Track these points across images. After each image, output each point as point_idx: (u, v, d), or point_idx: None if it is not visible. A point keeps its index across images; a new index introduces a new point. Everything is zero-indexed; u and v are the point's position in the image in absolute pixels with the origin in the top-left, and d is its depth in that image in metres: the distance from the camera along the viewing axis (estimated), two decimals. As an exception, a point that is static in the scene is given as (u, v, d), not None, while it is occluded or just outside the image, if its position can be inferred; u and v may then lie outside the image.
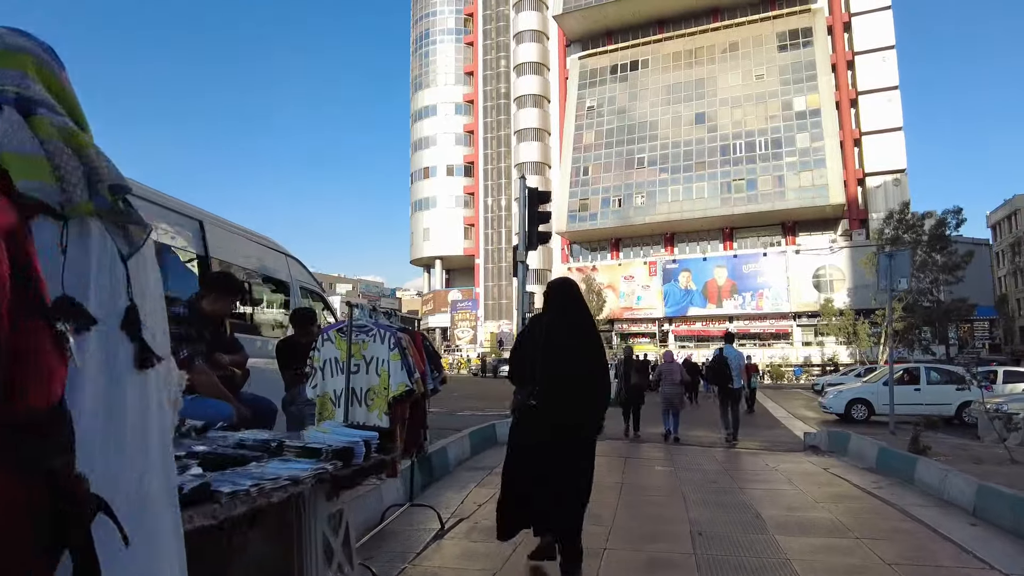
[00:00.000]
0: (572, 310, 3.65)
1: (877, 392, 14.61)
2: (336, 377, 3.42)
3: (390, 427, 3.25)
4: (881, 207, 44.78)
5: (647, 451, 8.76)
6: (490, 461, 6.91)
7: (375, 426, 3.20)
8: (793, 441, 10.53)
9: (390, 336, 3.42)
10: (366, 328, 3.44)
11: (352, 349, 3.35)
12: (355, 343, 3.38)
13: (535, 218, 10.27)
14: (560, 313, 3.61)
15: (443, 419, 9.14)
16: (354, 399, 3.36)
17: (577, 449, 3.49)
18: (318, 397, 3.46)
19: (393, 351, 3.37)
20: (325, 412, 3.39)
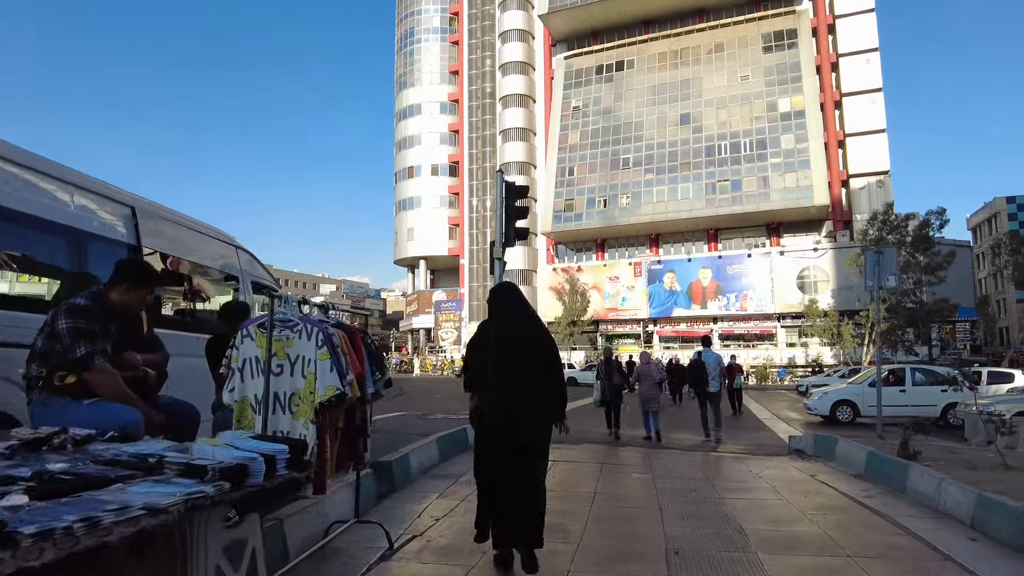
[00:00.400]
0: (515, 311, 3.64)
1: (862, 393, 14.37)
2: (256, 379, 2.95)
3: (318, 437, 2.80)
4: (865, 209, 44.90)
5: (625, 456, 8.36)
6: (459, 468, 6.47)
7: (300, 436, 2.74)
8: (777, 445, 10.19)
9: (318, 332, 2.95)
10: (290, 323, 2.97)
11: (274, 347, 2.89)
12: (277, 340, 2.92)
13: (512, 213, 9.84)
14: (504, 316, 3.62)
15: (413, 423, 8.67)
16: (277, 405, 2.90)
17: (531, 453, 3.47)
18: (236, 403, 2.98)
19: (321, 349, 2.91)
20: (244, 420, 2.93)
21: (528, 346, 3.50)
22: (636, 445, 9.60)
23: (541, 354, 3.54)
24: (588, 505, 5.15)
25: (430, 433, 7.36)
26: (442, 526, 4.45)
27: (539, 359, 3.52)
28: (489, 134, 60.57)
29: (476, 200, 60.94)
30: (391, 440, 6.79)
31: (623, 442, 10.03)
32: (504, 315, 3.63)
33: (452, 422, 8.66)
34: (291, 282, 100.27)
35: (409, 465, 5.95)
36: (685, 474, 6.67)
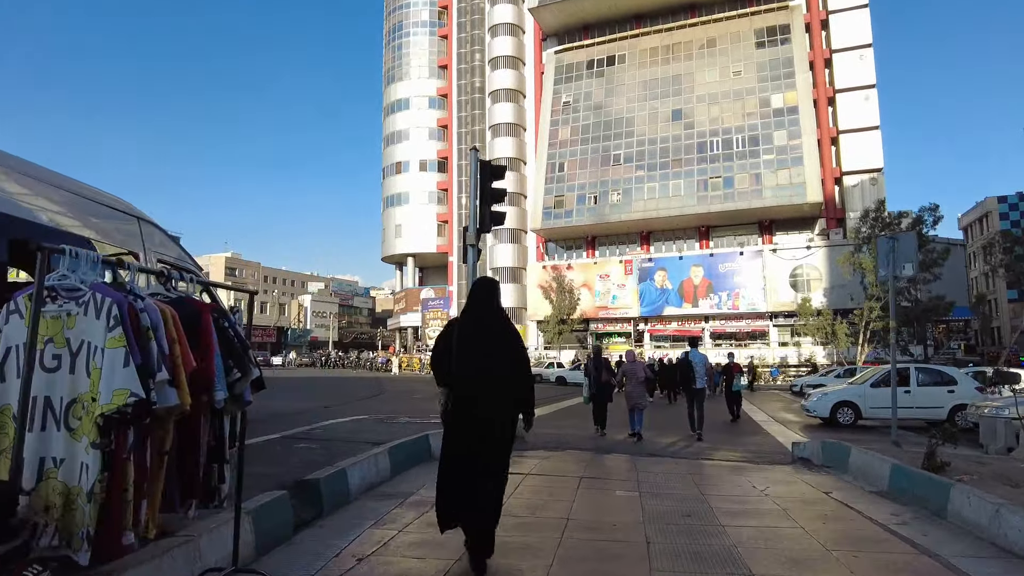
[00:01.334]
0: (484, 308, 3.65)
1: (864, 394, 13.47)
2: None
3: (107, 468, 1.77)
4: (858, 206, 44.24)
5: (610, 465, 7.36)
6: (411, 484, 5.43)
7: (82, 465, 1.70)
8: (778, 451, 9.22)
9: (110, 305, 1.88)
10: (75, 292, 1.90)
11: (49, 328, 1.85)
12: (55, 317, 1.88)
13: (488, 196, 8.82)
14: (470, 312, 3.67)
15: (370, 428, 7.58)
16: (48, 416, 1.86)
17: (494, 448, 3.48)
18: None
19: (113, 332, 1.85)
20: (4, 438, 1.88)
21: (488, 345, 3.52)
22: (622, 451, 8.61)
23: (501, 357, 3.53)
24: (557, 536, 4.13)
25: (387, 440, 6.30)
26: (364, 568, 3.41)
27: (499, 361, 3.51)
28: (478, 129, 59.52)
29: (465, 196, 59.82)
30: (335, 451, 5.72)
31: (608, 448, 9.06)
32: (470, 313, 3.67)
33: (417, 427, 7.59)
34: (279, 280, 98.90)
35: (347, 483, 4.91)
36: (678, 490, 5.67)
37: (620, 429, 10.84)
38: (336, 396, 18.29)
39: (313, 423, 7.98)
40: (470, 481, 3.38)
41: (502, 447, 3.54)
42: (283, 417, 10.78)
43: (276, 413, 11.98)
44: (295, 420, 9.55)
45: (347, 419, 8.23)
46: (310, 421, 8.97)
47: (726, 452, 8.98)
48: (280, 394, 18.57)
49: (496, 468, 3.48)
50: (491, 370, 3.43)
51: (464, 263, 49.92)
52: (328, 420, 7.83)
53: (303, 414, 11.36)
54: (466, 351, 3.47)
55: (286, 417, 10.73)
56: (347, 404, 15.40)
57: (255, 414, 11.52)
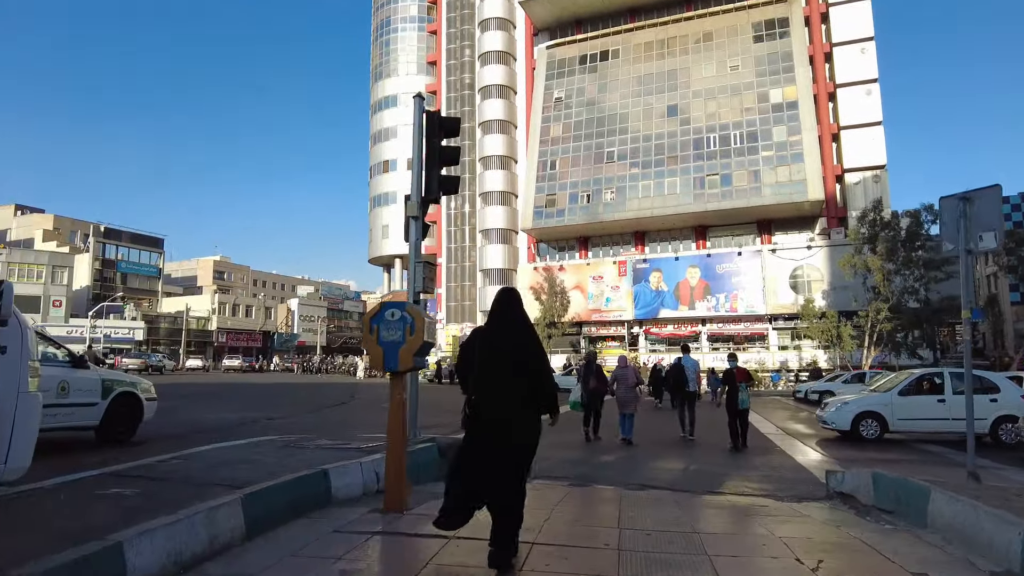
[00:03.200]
0: (505, 317, 3.75)
1: (891, 404, 11.68)
2: None
3: None
4: (860, 204, 42.60)
5: (587, 506, 5.54)
6: (267, 556, 3.52)
7: None
8: (800, 477, 7.41)
9: None
10: None
11: None
12: None
13: (435, 156, 7.00)
14: (495, 323, 3.76)
15: (255, 458, 5.66)
16: None
17: (509, 459, 3.50)
18: None
19: None
20: None
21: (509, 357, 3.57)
22: (608, 477, 6.80)
23: (521, 368, 3.55)
24: None
25: (265, 478, 4.45)
26: None
27: (519, 372, 3.53)
28: (468, 127, 57.71)
29: (454, 195, 58.04)
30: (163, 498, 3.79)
31: (592, 471, 7.27)
32: (495, 323, 3.76)
33: (333, 455, 5.73)
34: (268, 283, 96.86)
35: (121, 566, 2.94)
36: (678, 559, 3.83)
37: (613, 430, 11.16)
38: (293, 405, 16.43)
39: (196, 446, 6.14)
40: (484, 477, 3.44)
41: (518, 453, 3.54)
42: (185, 436, 8.94)
43: (193, 427, 10.12)
44: (190, 440, 7.75)
45: (241, 442, 6.36)
46: (209, 440, 7.18)
47: (738, 481, 7.18)
48: (228, 403, 16.69)
49: (511, 473, 3.49)
50: (508, 377, 3.50)
51: (452, 263, 47.93)
52: (213, 444, 5.97)
53: (219, 430, 9.55)
54: (485, 360, 3.58)
55: (188, 436, 8.89)
56: (295, 416, 13.55)
57: (159, 429, 9.72)
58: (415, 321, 4.34)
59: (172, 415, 12.71)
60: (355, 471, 5.07)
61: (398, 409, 4.37)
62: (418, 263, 6.68)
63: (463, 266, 57.09)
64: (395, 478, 4.32)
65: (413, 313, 4.36)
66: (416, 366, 4.43)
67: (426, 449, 6.31)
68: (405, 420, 4.40)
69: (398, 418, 4.37)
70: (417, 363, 4.44)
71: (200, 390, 22.80)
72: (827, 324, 32.69)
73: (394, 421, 4.37)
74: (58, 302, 60.10)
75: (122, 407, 7.69)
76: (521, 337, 3.68)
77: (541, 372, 3.59)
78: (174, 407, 14.65)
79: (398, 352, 4.31)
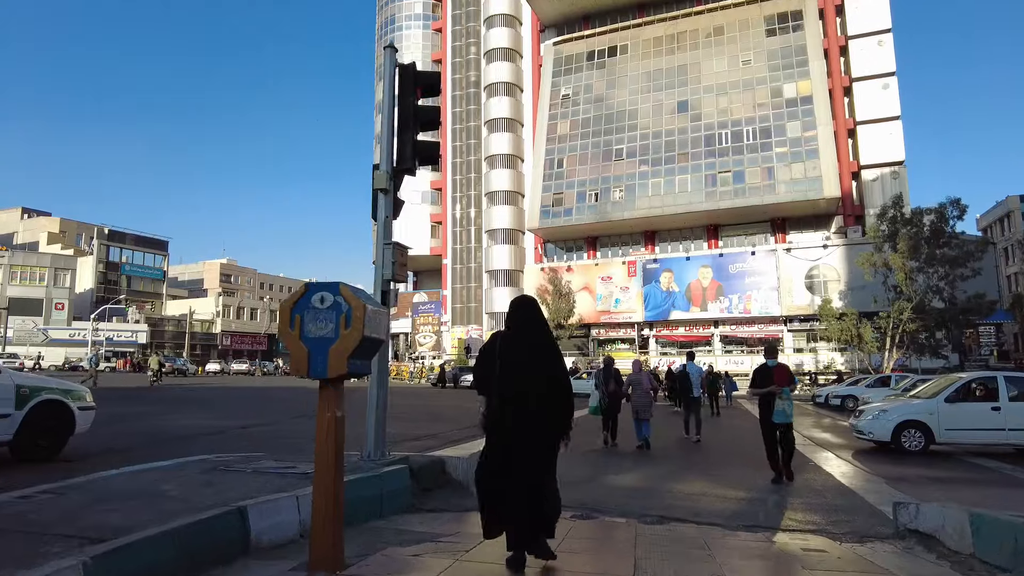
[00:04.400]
0: (524, 324, 3.76)
1: (937, 412, 10.37)
2: None
3: None
4: (878, 202, 41.15)
5: (602, 538, 4.35)
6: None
7: None
8: (856, 506, 6.15)
9: None
10: None
11: None
12: None
13: (410, 117, 5.82)
14: (515, 331, 3.74)
15: (164, 489, 4.48)
16: None
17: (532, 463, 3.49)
18: None
19: None
20: None
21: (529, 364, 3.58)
22: (619, 505, 5.61)
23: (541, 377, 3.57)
24: None
25: (156, 522, 3.26)
26: None
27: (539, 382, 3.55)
28: (474, 125, 56.78)
29: (460, 195, 57.02)
30: None
31: (603, 493, 6.07)
32: (515, 331, 3.74)
33: (278, 481, 4.55)
34: (275, 286, 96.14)
35: None
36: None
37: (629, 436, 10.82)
38: (279, 411, 15.30)
39: (134, 463, 5.05)
40: (508, 480, 3.45)
41: (540, 455, 3.52)
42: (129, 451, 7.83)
43: (150, 439, 8.99)
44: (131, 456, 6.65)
45: (165, 464, 5.18)
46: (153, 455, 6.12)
47: (772, 507, 5.93)
48: (212, 409, 15.59)
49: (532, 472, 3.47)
50: (527, 382, 3.52)
51: (457, 264, 46.72)
52: (128, 467, 4.83)
53: (173, 443, 8.43)
54: (505, 364, 3.58)
55: (132, 451, 7.79)
56: (274, 424, 12.42)
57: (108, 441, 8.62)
58: (352, 309, 3.14)
59: (137, 423, 11.61)
60: (288, 507, 3.88)
61: (329, 431, 3.17)
62: (387, 245, 5.49)
63: (468, 267, 55.98)
64: (324, 525, 3.11)
65: (349, 299, 3.16)
66: (354, 372, 3.22)
67: (394, 474, 5.11)
68: (338, 446, 3.20)
69: (329, 445, 3.16)
70: (356, 368, 3.21)
71: (192, 395, 21.77)
72: (847, 325, 31.20)
73: (323, 449, 3.17)
74: (60, 305, 59.52)
75: (46, 418, 6.56)
76: (546, 338, 3.77)
77: (561, 382, 3.64)
78: (145, 414, 13.56)
79: (328, 352, 3.12)
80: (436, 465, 5.81)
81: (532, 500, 3.42)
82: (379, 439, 5.39)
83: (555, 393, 3.55)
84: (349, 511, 3.93)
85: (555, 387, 3.57)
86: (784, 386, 7.37)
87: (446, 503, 5.42)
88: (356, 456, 5.46)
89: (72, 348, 55.53)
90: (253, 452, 6.46)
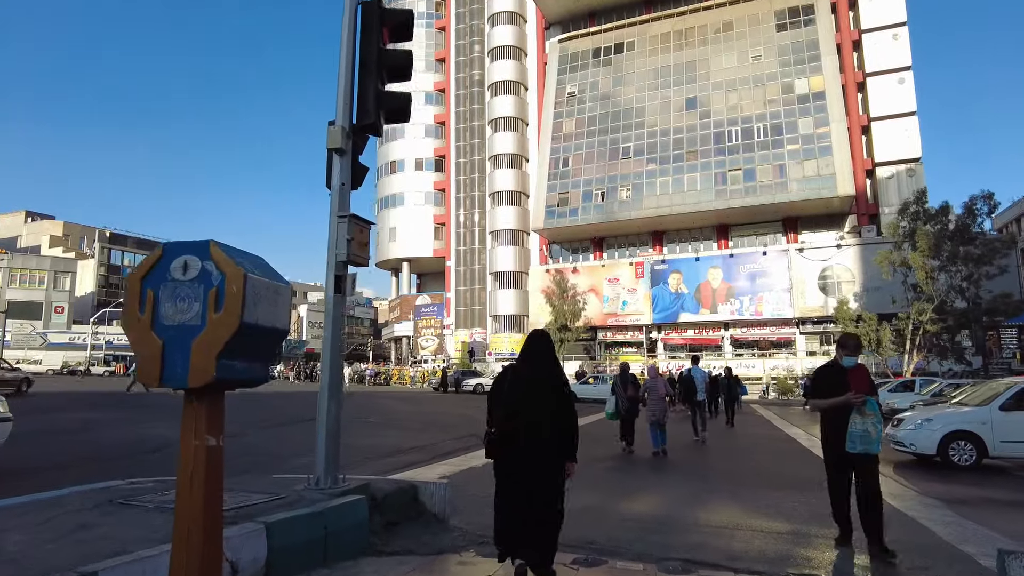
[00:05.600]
0: (534, 359, 3.82)
1: (991, 421, 9.16)
2: None
3: None
4: (894, 200, 39.88)
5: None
6: None
7: None
8: (927, 545, 5.00)
9: None
10: None
11: None
12: None
13: (375, 62, 4.71)
14: (525, 362, 3.84)
15: (42, 531, 3.42)
16: None
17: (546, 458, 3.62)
18: None
19: None
20: None
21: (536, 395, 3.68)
22: (634, 544, 4.49)
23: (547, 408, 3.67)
24: None
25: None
26: None
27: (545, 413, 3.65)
28: (478, 125, 55.75)
29: (464, 196, 55.97)
30: None
31: (614, 540, 4.93)
32: (525, 363, 3.85)
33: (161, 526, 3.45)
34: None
35: None
36: None
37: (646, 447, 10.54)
38: (256, 420, 14.19)
39: (46, 488, 3.99)
40: (521, 508, 3.57)
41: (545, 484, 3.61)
42: (43, 471, 6.77)
43: (84, 455, 7.95)
44: (42, 478, 5.60)
45: (47, 496, 4.10)
46: (73, 476, 5.05)
47: (825, 544, 4.79)
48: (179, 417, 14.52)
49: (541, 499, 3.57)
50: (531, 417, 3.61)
51: (461, 266, 45.48)
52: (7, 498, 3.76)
53: (107, 460, 7.38)
54: (511, 397, 3.70)
55: (45, 472, 6.72)
56: (240, 436, 11.35)
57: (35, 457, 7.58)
58: (226, 281, 2.03)
59: (97, 432, 10.57)
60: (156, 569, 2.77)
61: (194, 472, 2.05)
62: (342, 219, 4.38)
63: (472, 269, 54.90)
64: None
65: (224, 265, 2.04)
66: (229, 377, 2.08)
67: (346, 508, 3.99)
68: (210, 495, 2.07)
69: (194, 495, 2.04)
70: (231, 372, 2.08)
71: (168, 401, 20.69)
72: (866, 328, 29.84)
73: (185, 502, 2.05)
74: (60, 308, 58.88)
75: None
76: (555, 369, 3.86)
77: (572, 413, 3.75)
78: (96, 422, 12.49)
79: (190, 347, 2.02)
80: (405, 493, 4.69)
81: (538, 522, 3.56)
82: (331, 462, 4.27)
83: (560, 426, 3.66)
84: (277, 564, 3.10)
85: (560, 421, 3.67)
86: (866, 395, 4.76)
87: (415, 542, 4.30)
88: (302, 485, 4.34)
89: (71, 352, 54.81)
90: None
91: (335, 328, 4.39)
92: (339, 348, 4.43)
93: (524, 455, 3.55)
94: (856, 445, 4.67)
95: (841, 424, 4.75)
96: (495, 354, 47.71)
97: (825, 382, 5.05)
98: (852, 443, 4.68)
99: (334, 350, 4.37)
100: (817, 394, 5.10)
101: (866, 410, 4.72)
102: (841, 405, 4.75)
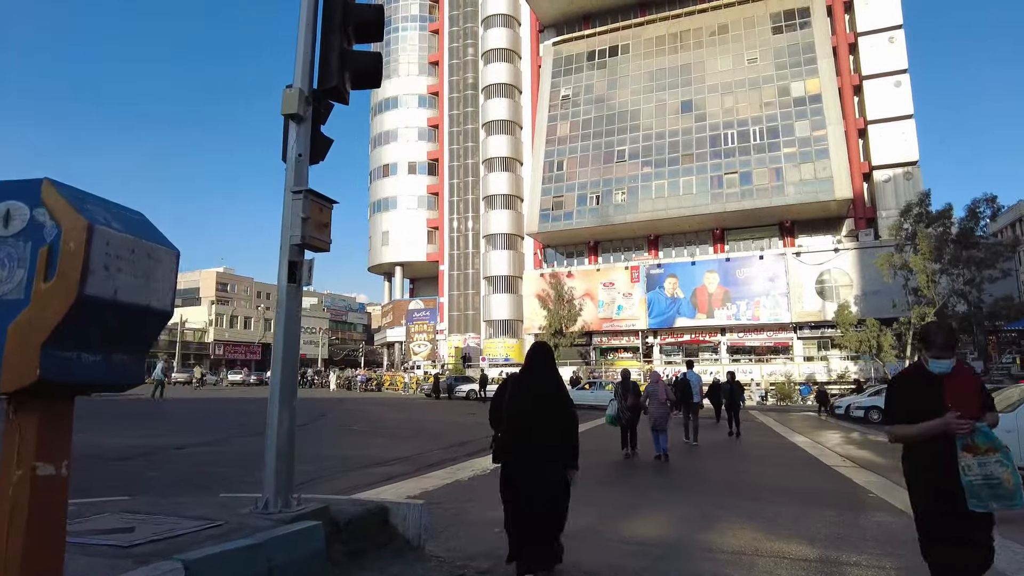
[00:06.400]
0: (536, 371, 3.93)
1: (1017, 429, 8.55)
2: None
3: None
4: (891, 204, 39.59)
5: None
6: None
7: None
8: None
9: None
10: None
11: None
12: None
13: (338, 16, 4.08)
14: (528, 373, 3.94)
15: None
16: None
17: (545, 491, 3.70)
18: None
19: None
20: None
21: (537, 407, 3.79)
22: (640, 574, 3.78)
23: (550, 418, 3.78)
24: None
25: None
26: None
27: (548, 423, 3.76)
28: (471, 128, 55.21)
29: (457, 199, 55.34)
30: None
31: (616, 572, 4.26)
32: (528, 374, 3.95)
33: (107, 559, 2.74)
34: (272, 295, 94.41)
35: None
36: None
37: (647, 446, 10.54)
38: (239, 427, 13.49)
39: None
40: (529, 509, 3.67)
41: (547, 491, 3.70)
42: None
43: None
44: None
45: None
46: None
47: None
48: (159, 423, 13.80)
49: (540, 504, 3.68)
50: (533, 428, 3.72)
51: (454, 270, 44.81)
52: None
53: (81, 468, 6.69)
54: (515, 408, 3.81)
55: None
56: (220, 445, 10.64)
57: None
58: (63, 235, 1.39)
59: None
60: None
61: (14, 509, 1.41)
62: (296, 195, 3.74)
63: (466, 273, 54.23)
64: None
65: (62, 215, 1.40)
66: (62, 376, 1.42)
67: (296, 537, 3.32)
68: (46, 547, 1.41)
69: (12, 551, 1.39)
70: (73, 367, 1.44)
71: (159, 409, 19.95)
72: (867, 333, 29.32)
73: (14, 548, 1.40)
74: None
75: None
76: (557, 383, 4.00)
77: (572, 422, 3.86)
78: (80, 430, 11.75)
79: (4, 332, 1.38)
80: (373, 516, 4.02)
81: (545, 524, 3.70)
82: (282, 482, 3.61)
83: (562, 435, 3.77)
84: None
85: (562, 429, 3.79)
86: (976, 418, 2.78)
87: (382, 575, 3.64)
88: (247, 508, 3.67)
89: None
90: (128, 494, 4.67)
91: (288, 323, 3.75)
92: (294, 346, 3.78)
93: (527, 463, 3.66)
94: (983, 500, 2.72)
95: (942, 460, 2.81)
96: (489, 359, 47.00)
97: (907, 398, 3.03)
98: (976, 498, 2.73)
99: (287, 349, 3.72)
100: (895, 416, 3.03)
101: (977, 442, 2.76)
102: (937, 434, 2.82)
